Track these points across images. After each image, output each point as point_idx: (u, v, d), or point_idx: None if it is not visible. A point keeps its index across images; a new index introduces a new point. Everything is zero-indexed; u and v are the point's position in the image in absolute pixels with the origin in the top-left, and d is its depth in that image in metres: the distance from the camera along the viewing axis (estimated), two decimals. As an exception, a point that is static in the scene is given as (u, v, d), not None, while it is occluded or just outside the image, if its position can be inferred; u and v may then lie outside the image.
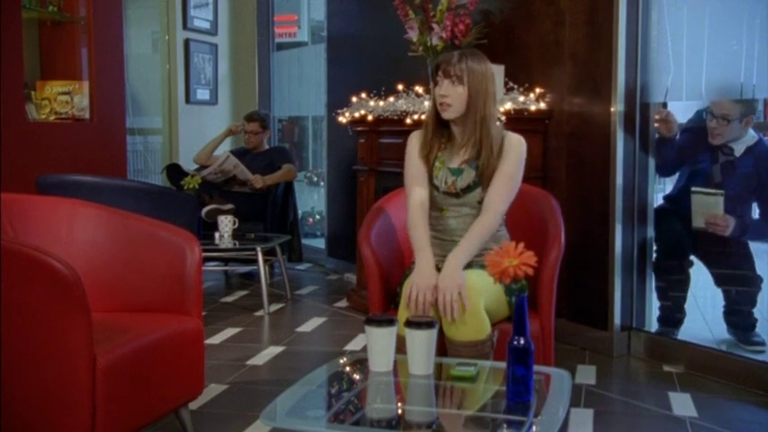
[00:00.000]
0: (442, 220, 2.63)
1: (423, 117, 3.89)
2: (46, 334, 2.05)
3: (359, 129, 4.64)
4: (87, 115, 4.66)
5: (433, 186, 2.61)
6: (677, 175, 3.86)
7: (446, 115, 2.56)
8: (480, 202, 2.58)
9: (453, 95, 2.52)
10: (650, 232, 3.68)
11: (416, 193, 2.61)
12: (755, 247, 3.84)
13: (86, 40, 4.67)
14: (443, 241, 2.62)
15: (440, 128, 2.63)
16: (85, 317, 2.03)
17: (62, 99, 4.56)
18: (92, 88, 4.67)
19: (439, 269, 2.46)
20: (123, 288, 2.59)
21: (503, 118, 3.62)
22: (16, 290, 2.06)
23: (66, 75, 4.65)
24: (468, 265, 2.46)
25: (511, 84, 3.85)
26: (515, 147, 2.59)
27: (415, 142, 2.68)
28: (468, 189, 2.58)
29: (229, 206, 4.88)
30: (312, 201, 7.36)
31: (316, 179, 7.86)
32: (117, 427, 2.13)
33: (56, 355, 2.06)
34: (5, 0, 4.07)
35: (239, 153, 5.42)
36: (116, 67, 4.86)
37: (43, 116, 4.51)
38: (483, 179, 2.56)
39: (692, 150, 3.72)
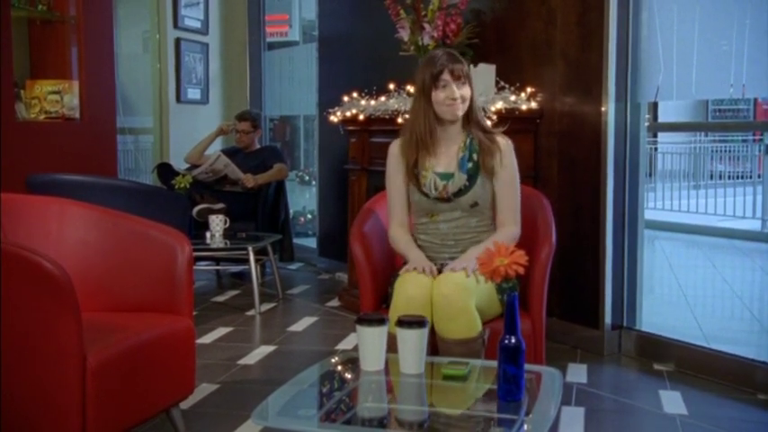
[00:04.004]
0: (432, 225, 2.63)
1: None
2: (36, 334, 2.04)
3: (350, 128, 4.64)
4: (77, 114, 4.64)
5: (421, 194, 2.61)
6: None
7: (458, 114, 2.58)
8: (473, 206, 2.59)
9: (464, 96, 2.58)
10: (641, 231, 3.69)
11: (396, 214, 2.66)
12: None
13: (76, 40, 4.64)
14: (435, 245, 2.62)
15: (425, 134, 2.62)
16: (76, 316, 2.02)
17: (52, 98, 4.54)
18: (82, 87, 4.64)
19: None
20: (114, 288, 2.58)
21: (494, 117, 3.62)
22: (6, 289, 2.05)
23: (57, 74, 4.63)
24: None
25: (502, 83, 3.85)
26: (507, 152, 2.63)
27: (395, 154, 2.68)
28: (459, 192, 2.58)
29: (220, 205, 4.87)
30: (303, 200, 7.36)
31: (307, 178, 7.86)
32: (107, 427, 2.13)
33: (46, 355, 2.05)
34: (-5, -1, 4.05)
35: (230, 152, 5.41)
36: (106, 67, 4.83)
37: (33, 115, 4.49)
38: (482, 178, 2.58)
39: None
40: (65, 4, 4.64)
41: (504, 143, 2.62)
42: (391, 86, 4.30)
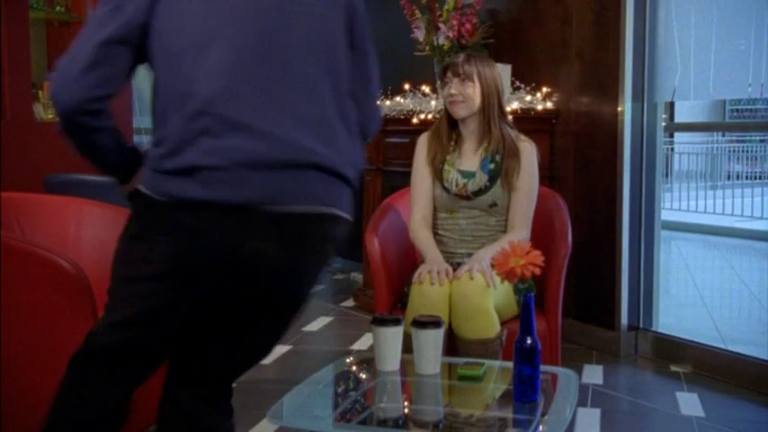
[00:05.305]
0: (451, 221, 2.64)
1: (429, 116, 3.90)
2: (53, 333, 2.06)
3: (365, 128, 4.64)
4: (94, 115, 4.67)
5: (442, 188, 2.62)
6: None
7: (458, 112, 2.59)
8: (492, 206, 2.59)
9: (464, 93, 2.55)
10: (658, 232, 3.66)
11: (419, 207, 2.66)
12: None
13: (94, 40, 4.67)
14: (453, 240, 2.62)
15: (449, 130, 2.65)
16: (92, 316, 2.03)
17: (69, 99, 4.57)
18: (99, 88, 4.67)
19: (451, 266, 2.48)
20: (130, 287, 2.59)
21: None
22: (23, 289, 2.06)
23: (74, 75, 4.66)
24: None
25: (518, 83, 3.84)
26: (529, 157, 2.62)
27: (422, 145, 2.70)
28: (479, 192, 2.59)
29: (236, 205, 4.88)
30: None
31: (322, 179, 7.85)
32: (124, 426, 2.14)
33: (63, 355, 2.06)
34: (13, 0, 4.09)
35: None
36: (123, 67, 4.86)
37: (50, 116, 4.51)
38: (502, 181, 2.58)
39: None
40: (82, 6, 4.66)
41: (528, 147, 2.63)
42: (406, 86, 4.30)
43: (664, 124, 3.72)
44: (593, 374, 3.32)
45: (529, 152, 2.62)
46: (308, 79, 1.52)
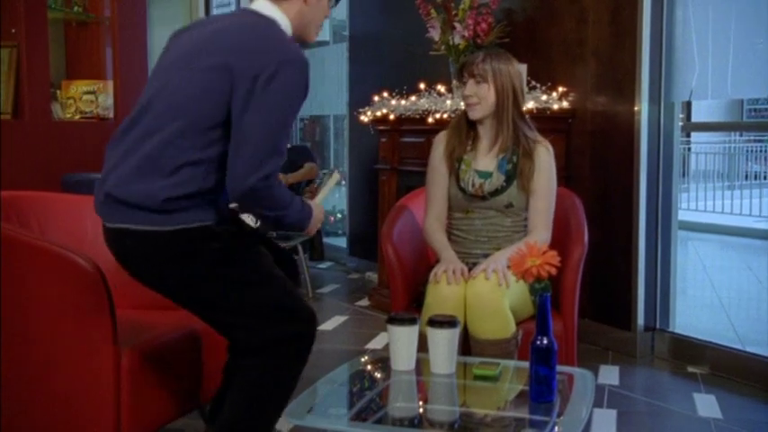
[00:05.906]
0: (466, 221, 2.63)
1: (445, 116, 3.89)
2: (71, 331, 2.07)
3: (381, 128, 4.64)
4: (111, 114, 4.69)
5: (458, 188, 2.61)
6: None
7: (473, 114, 2.58)
8: (508, 206, 2.58)
9: (478, 94, 2.54)
10: (675, 232, 3.64)
11: (434, 206, 2.66)
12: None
13: (111, 40, 4.70)
14: (468, 240, 2.62)
15: (467, 128, 2.65)
16: (110, 314, 2.05)
17: (87, 98, 4.59)
18: (116, 87, 4.69)
19: (467, 266, 2.48)
20: (147, 286, 2.60)
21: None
22: (41, 286, 2.08)
23: (91, 74, 4.69)
24: None
25: (533, 83, 3.83)
26: (544, 160, 2.60)
27: (440, 143, 2.69)
28: (495, 193, 2.58)
29: (251, 205, 4.89)
30: (333, 199, 7.37)
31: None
32: (142, 423, 2.15)
33: (81, 352, 2.08)
34: (32, 0, 4.12)
35: (261, 152, 5.42)
36: (140, 67, 4.88)
37: (68, 115, 4.55)
38: (518, 182, 2.57)
39: None
40: (100, 6, 4.69)
41: (543, 150, 2.61)
42: (422, 86, 4.30)
43: (681, 124, 3.70)
44: (610, 375, 3.31)
45: (544, 155, 2.60)
46: (153, 134, 1.96)
